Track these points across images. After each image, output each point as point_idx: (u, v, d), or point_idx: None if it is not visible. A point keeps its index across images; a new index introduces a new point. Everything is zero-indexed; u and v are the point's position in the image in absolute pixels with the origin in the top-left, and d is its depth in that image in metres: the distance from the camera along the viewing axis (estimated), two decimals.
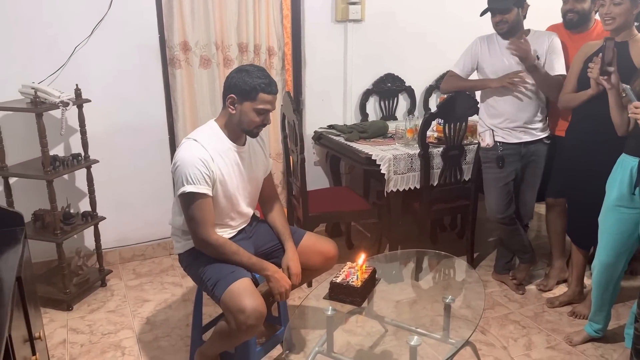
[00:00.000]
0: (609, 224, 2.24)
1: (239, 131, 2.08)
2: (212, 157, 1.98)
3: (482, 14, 2.66)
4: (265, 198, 2.31)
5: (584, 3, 2.70)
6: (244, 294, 1.89)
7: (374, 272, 2.07)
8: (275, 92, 2.03)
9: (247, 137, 2.14)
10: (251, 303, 1.87)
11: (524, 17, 2.68)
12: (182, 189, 1.95)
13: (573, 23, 2.77)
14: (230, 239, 2.11)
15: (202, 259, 2.05)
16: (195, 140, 2.01)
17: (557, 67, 2.67)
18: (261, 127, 2.07)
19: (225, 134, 2.07)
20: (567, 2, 2.75)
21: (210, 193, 1.98)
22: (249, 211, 2.23)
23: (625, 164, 2.16)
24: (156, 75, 3.14)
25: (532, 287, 3.03)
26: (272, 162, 2.36)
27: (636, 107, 2.00)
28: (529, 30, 2.70)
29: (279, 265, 2.15)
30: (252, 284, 1.98)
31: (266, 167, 2.29)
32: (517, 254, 3.00)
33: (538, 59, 2.63)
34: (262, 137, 2.25)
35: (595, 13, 2.68)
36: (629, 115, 2.08)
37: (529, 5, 2.68)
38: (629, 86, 2.03)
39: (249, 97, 1.98)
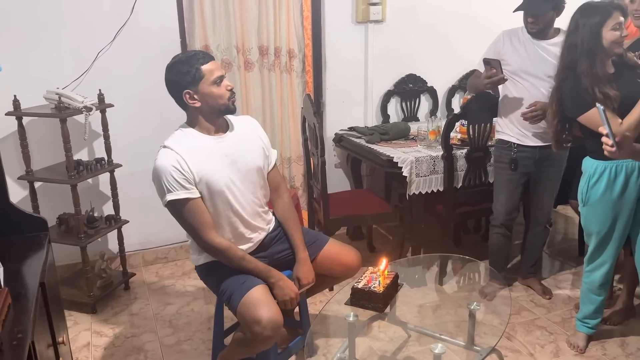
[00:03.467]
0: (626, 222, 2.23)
1: (215, 118, 1.98)
2: (184, 158, 1.89)
3: (516, 10, 2.58)
4: (272, 190, 2.19)
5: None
6: (258, 304, 1.86)
7: (396, 277, 2.03)
8: (212, 58, 1.95)
9: (229, 124, 2.04)
10: (266, 313, 1.84)
11: (558, 16, 2.60)
12: (163, 200, 1.92)
13: None
14: (250, 254, 2.06)
15: (216, 274, 2.04)
16: (164, 146, 1.95)
17: None
18: (233, 96, 1.97)
19: (199, 130, 1.99)
20: None
21: (192, 195, 1.90)
22: (255, 208, 2.08)
23: (631, 168, 2.13)
24: None
25: (559, 292, 2.96)
26: (276, 153, 2.24)
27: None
28: (559, 30, 2.62)
29: None
30: (267, 292, 1.94)
31: (266, 155, 2.14)
32: (493, 266, 2.87)
33: None
34: (254, 126, 2.15)
35: None
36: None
37: (565, 6, 2.57)
38: (602, 106, 1.76)
39: (197, 78, 1.90)
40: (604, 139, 1.75)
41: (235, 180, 2.00)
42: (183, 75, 1.90)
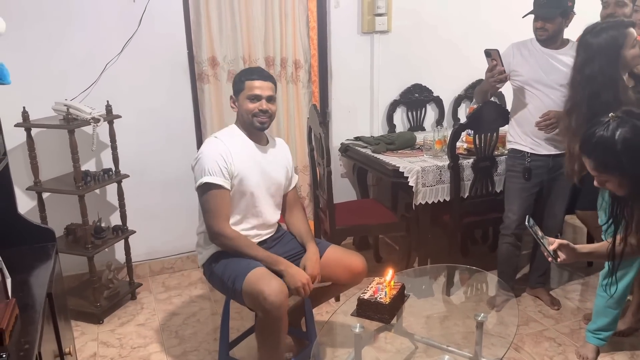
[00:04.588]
0: None
1: (248, 127, 2.15)
2: (230, 151, 2.06)
3: (525, 16, 2.60)
4: (288, 206, 2.33)
5: (625, 8, 2.63)
6: (261, 278, 1.94)
7: (402, 288, 2.02)
8: (262, 78, 2.11)
9: (268, 140, 2.22)
10: (269, 283, 1.92)
11: (566, 26, 2.61)
12: (199, 181, 2.03)
13: None
14: None
15: (220, 263, 2.09)
16: (215, 137, 2.13)
17: None
18: (261, 115, 2.11)
19: (244, 132, 2.16)
20: (608, 6, 2.68)
21: (227, 186, 2.04)
22: (271, 215, 2.22)
23: None
24: (185, 90, 3.18)
25: (567, 302, 2.93)
26: (297, 177, 2.43)
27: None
28: (567, 41, 2.63)
29: None
30: (268, 271, 2.01)
31: (290, 175, 2.32)
32: (502, 276, 2.85)
33: None
34: (286, 149, 2.32)
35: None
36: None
37: (574, 15, 2.59)
38: (532, 221, 1.78)
39: (239, 89, 2.12)
40: (541, 248, 1.79)
41: (262, 187, 2.16)
42: (234, 83, 2.18)
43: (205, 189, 2.04)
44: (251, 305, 2.03)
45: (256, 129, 2.15)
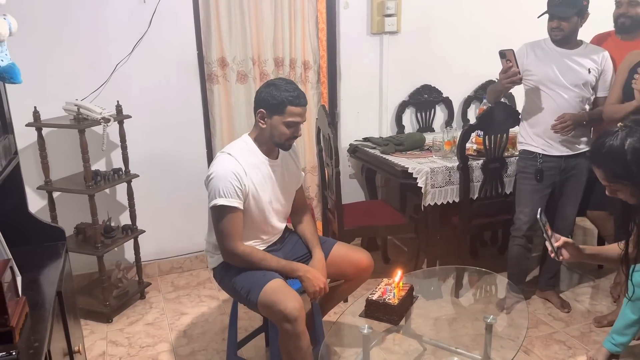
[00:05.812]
0: None
1: (271, 145, 2.09)
2: (245, 170, 2.01)
3: (540, 16, 2.58)
4: (296, 209, 2.32)
5: (638, 7, 2.61)
6: (278, 291, 1.92)
7: (411, 289, 2.02)
8: (304, 104, 2.03)
9: (280, 150, 2.15)
10: (285, 297, 1.90)
11: (581, 26, 2.59)
12: (214, 202, 1.98)
13: (625, 28, 2.68)
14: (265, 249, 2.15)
15: (234, 271, 2.08)
16: (229, 154, 2.04)
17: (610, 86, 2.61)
18: (292, 140, 2.09)
19: (259, 147, 2.10)
20: (621, 6, 2.66)
21: (241, 207, 2.00)
22: (281, 225, 2.24)
23: None
24: (194, 91, 3.19)
25: (578, 305, 2.90)
26: (304, 175, 2.37)
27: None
28: (581, 42, 2.61)
29: None
30: (285, 283, 1.99)
31: (298, 179, 2.30)
32: (512, 278, 2.82)
33: (590, 72, 2.55)
34: (294, 148, 2.26)
35: None
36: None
37: (589, 15, 2.56)
38: (542, 215, 1.78)
39: (278, 110, 2.00)
40: (547, 243, 1.78)
41: (274, 201, 2.14)
42: (270, 99, 2.01)
43: (219, 211, 1.99)
44: (267, 316, 2.03)
45: (285, 149, 2.13)
